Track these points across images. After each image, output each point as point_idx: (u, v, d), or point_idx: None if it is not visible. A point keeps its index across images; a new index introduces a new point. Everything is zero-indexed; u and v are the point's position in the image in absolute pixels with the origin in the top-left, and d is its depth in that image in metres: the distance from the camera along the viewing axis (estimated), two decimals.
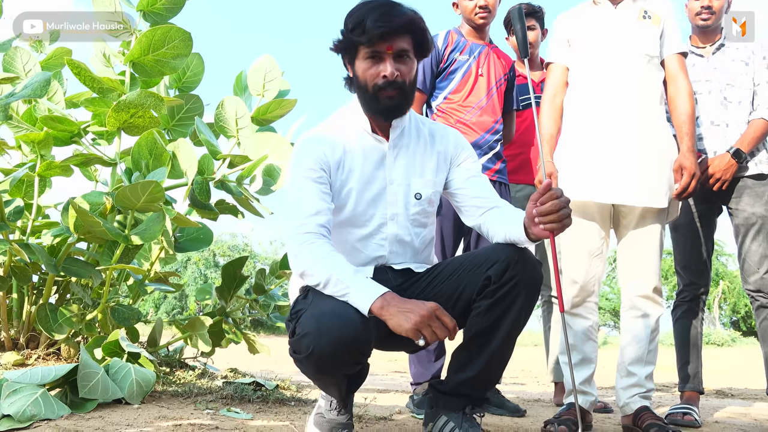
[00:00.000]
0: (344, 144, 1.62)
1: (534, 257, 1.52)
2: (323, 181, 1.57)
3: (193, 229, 2.64)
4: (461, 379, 1.55)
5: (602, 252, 2.23)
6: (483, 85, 2.63)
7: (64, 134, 2.61)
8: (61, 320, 2.35)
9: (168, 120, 2.89)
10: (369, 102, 1.59)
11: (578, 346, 2.21)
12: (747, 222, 2.44)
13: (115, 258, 2.26)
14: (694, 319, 2.58)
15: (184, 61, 2.60)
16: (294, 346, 1.41)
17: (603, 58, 2.23)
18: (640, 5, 2.26)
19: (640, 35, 2.22)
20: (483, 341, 1.52)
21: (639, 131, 2.15)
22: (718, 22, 2.63)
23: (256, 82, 2.62)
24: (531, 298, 1.50)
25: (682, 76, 2.22)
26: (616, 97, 2.18)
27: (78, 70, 2.53)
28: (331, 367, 1.39)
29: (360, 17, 1.52)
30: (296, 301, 1.53)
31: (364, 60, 1.56)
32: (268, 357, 3.33)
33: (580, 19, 2.33)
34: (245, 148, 2.44)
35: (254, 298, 2.68)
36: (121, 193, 2.08)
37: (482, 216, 1.64)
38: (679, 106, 2.20)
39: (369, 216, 1.63)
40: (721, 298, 29.50)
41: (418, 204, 1.66)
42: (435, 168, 1.69)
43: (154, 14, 2.71)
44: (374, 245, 1.64)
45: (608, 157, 2.14)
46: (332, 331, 1.33)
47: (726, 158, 2.42)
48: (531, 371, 6.93)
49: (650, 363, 2.16)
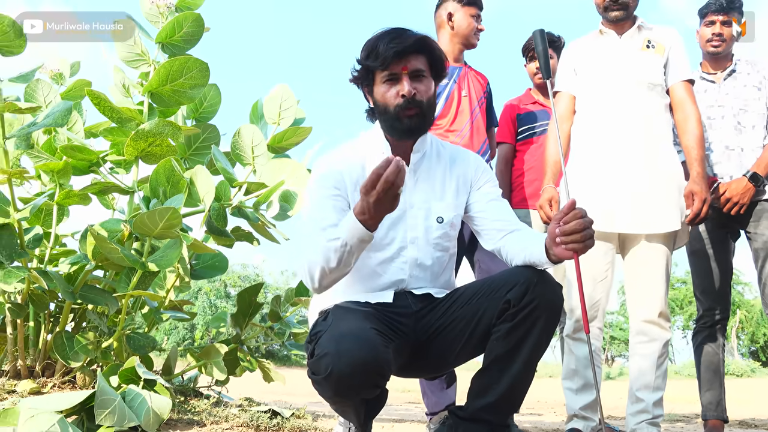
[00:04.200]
0: (363, 166, 1.64)
1: (554, 280, 1.51)
2: (339, 199, 1.59)
3: (209, 256, 2.65)
4: (481, 405, 1.52)
5: (607, 277, 2.23)
6: (466, 107, 2.61)
7: (83, 163, 2.65)
8: (77, 348, 2.35)
9: (185, 149, 2.93)
10: (391, 124, 1.60)
11: (580, 371, 2.20)
12: (766, 246, 2.42)
13: (132, 285, 2.27)
14: (715, 345, 2.54)
15: (201, 91, 2.65)
16: (312, 368, 1.40)
17: (607, 87, 2.26)
18: (645, 35, 2.30)
19: (643, 64, 2.25)
20: (503, 366, 1.50)
21: (643, 158, 2.17)
22: (729, 49, 2.66)
23: (271, 111, 2.66)
24: (552, 321, 1.48)
25: (689, 103, 2.24)
26: (620, 125, 2.21)
27: (98, 101, 2.58)
28: (349, 389, 1.37)
29: (373, 44, 1.57)
30: (316, 323, 1.53)
31: (381, 84, 1.59)
32: (282, 387, 3.30)
33: (587, 49, 2.37)
34: (261, 175, 2.47)
35: (269, 326, 2.67)
36: (138, 220, 2.10)
37: (502, 239, 1.63)
38: (687, 132, 2.21)
39: (389, 240, 1.63)
40: (738, 327, 28.96)
41: (441, 228, 1.66)
42: (455, 191, 1.70)
43: (172, 46, 2.76)
44: (394, 269, 1.64)
45: (613, 185, 2.15)
46: (351, 352, 1.32)
47: (743, 182, 2.41)
48: (547, 402, 6.80)
49: (659, 389, 2.13)
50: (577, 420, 2.20)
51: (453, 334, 1.58)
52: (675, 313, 29.29)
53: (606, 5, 2.29)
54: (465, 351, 1.59)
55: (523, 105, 3.21)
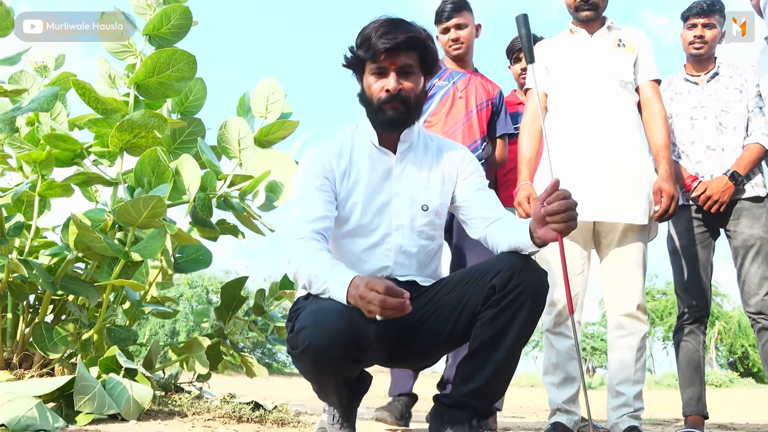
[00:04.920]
0: (351, 155, 1.66)
1: (539, 266, 1.52)
2: (326, 189, 1.61)
3: (193, 249, 2.63)
4: (467, 391, 1.52)
5: (584, 271, 2.26)
6: (461, 107, 2.71)
7: (66, 154, 2.61)
8: (56, 339, 2.31)
9: (170, 143, 2.90)
10: (374, 115, 1.64)
11: (561, 365, 2.21)
12: (746, 244, 2.46)
13: (114, 274, 2.24)
14: (696, 342, 2.57)
15: (188, 83, 2.63)
16: (291, 342, 1.41)
17: (580, 84, 2.31)
18: (615, 34, 2.37)
19: (615, 62, 2.31)
20: (488, 351, 1.50)
21: (616, 152, 2.21)
22: (711, 51, 2.71)
23: (259, 104, 2.65)
24: (537, 307, 1.49)
25: (656, 102, 2.31)
26: (592, 121, 2.25)
27: (83, 91, 2.56)
28: (328, 362, 1.37)
29: (367, 34, 1.59)
30: (296, 301, 1.54)
31: (369, 75, 1.62)
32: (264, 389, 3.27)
33: (558, 47, 2.43)
34: (247, 167, 2.46)
35: (253, 320, 2.65)
36: (122, 208, 2.08)
37: (488, 228, 1.64)
38: (654, 132, 2.28)
39: (374, 226, 1.65)
40: (717, 338, 29.31)
41: (426, 215, 1.67)
42: (441, 181, 1.71)
43: (159, 38, 2.75)
44: (379, 255, 1.65)
45: (587, 178, 2.18)
46: (329, 324, 1.32)
47: (723, 180, 2.45)
48: (529, 407, 6.81)
49: (638, 382, 2.16)
50: (560, 414, 2.20)
51: (438, 320, 1.58)
52: (655, 324, 29.54)
53: (577, 5, 2.36)
54: (451, 338, 1.59)
55: (508, 105, 3.24)
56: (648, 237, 2.27)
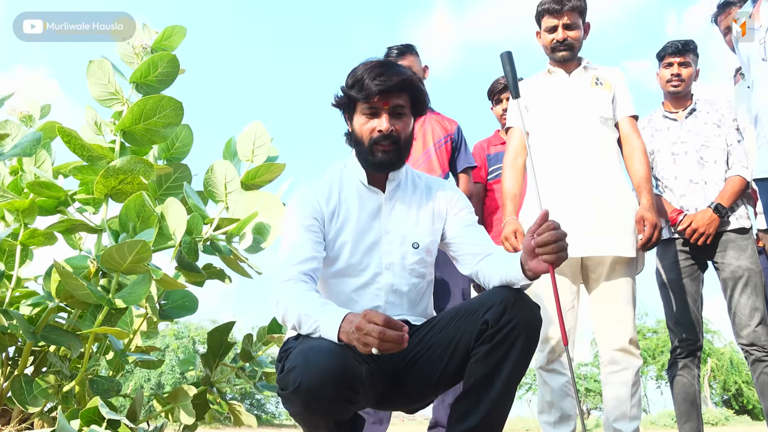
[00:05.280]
0: (340, 194, 1.66)
1: (531, 299, 1.51)
2: (315, 230, 1.60)
3: (179, 295, 2.58)
4: (462, 431, 1.48)
5: (574, 306, 2.25)
6: (419, 147, 2.76)
7: (51, 202, 2.58)
8: (36, 392, 2.24)
9: (156, 189, 2.89)
10: (365, 155, 1.64)
11: (556, 403, 2.17)
12: (734, 275, 2.47)
13: (97, 322, 2.19)
14: (690, 376, 2.55)
15: (174, 129, 2.64)
16: (281, 383, 1.37)
17: (560, 121, 2.36)
18: (592, 73, 2.44)
19: (594, 100, 2.37)
20: (483, 389, 1.47)
21: (599, 187, 2.25)
22: (688, 88, 2.79)
23: (245, 148, 2.65)
24: (531, 341, 1.47)
25: (635, 137, 2.36)
26: (575, 157, 2.29)
27: (68, 138, 2.55)
28: (319, 403, 1.32)
29: (359, 75, 1.60)
30: (287, 341, 1.50)
31: (361, 115, 1.62)
32: None
33: (537, 87, 2.49)
34: (234, 210, 2.44)
35: (240, 366, 2.58)
36: (107, 254, 2.04)
37: (479, 263, 1.64)
38: (635, 165, 2.32)
39: (364, 265, 1.63)
40: (710, 376, 29.12)
41: (417, 253, 1.66)
42: (432, 218, 1.71)
43: (146, 86, 2.77)
44: (370, 295, 1.63)
45: (572, 214, 2.20)
46: (320, 363, 1.29)
47: (708, 213, 2.48)
48: None
49: (635, 418, 2.12)
50: None
51: (432, 360, 1.55)
52: (648, 363, 29.32)
53: (553, 46, 2.43)
54: (444, 377, 1.56)
55: (492, 146, 3.29)
56: (636, 270, 2.27)
